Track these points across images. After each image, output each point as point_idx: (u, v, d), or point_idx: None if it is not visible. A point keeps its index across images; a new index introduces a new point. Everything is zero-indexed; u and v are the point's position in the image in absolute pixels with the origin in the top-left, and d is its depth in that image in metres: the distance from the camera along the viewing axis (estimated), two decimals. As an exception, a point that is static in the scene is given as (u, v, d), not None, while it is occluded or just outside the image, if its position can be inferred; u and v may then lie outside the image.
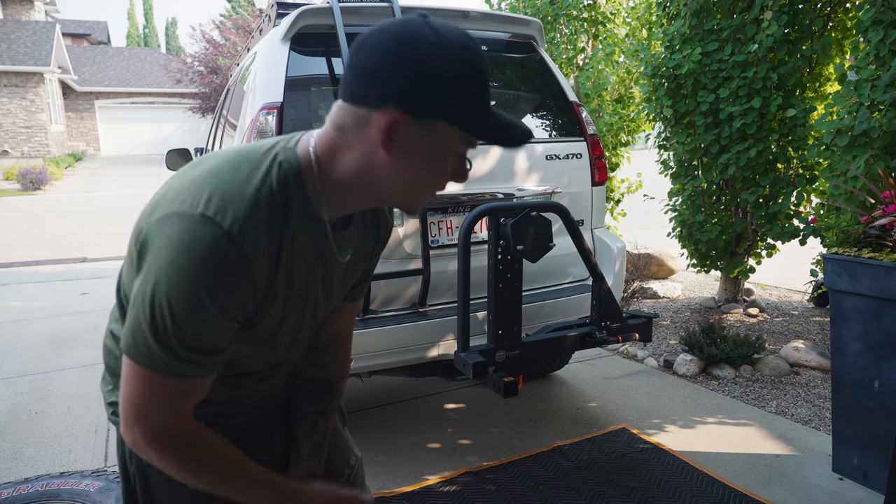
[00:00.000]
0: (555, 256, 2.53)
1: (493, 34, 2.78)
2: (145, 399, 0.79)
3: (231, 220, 0.75)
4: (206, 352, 0.79)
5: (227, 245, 0.74)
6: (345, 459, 1.23)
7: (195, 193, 0.77)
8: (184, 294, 0.73)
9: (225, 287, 0.75)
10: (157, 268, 0.74)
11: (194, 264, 0.73)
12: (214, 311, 0.76)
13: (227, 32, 21.16)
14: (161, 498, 1.00)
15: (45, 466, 2.55)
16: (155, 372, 0.78)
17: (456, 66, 0.76)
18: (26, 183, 14.61)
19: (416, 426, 2.83)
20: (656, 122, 4.62)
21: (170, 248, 0.74)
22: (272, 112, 2.23)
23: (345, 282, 1.02)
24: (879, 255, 2.16)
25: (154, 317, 0.75)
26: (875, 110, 2.93)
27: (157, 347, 0.76)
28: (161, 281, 0.74)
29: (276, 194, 0.81)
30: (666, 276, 5.69)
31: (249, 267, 0.77)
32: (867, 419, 2.23)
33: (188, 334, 0.76)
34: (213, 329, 0.78)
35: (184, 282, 0.73)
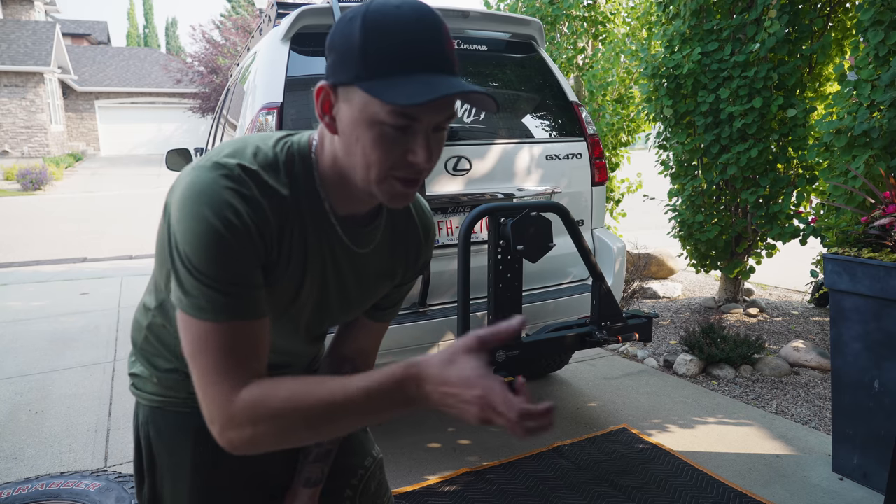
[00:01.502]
0: (555, 256, 2.53)
1: (493, 34, 2.78)
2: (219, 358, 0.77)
3: (238, 160, 0.80)
4: (237, 283, 0.77)
5: (228, 177, 0.78)
6: (359, 459, 1.21)
7: (216, 151, 0.83)
8: (192, 225, 0.76)
9: (227, 207, 0.77)
10: (174, 211, 0.78)
11: (196, 196, 0.76)
12: (221, 229, 0.76)
13: (227, 32, 21.16)
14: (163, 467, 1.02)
15: (45, 466, 2.55)
16: (213, 320, 0.76)
17: (369, 25, 0.73)
18: (26, 183, 14.61)
19: (416, 426, 2.83)
20: (656, 122, 4.62)
21: (182, 191, 0.78)
22: (272, 112, 2.23)
23: (364, 285, 0.98)
24: (879, 255, 2.16)
25: (180, 258, 0.77)
26: (875, 110, 2.93)
27: (201, 289, 0.76)
28: (176, 222, 0.77)
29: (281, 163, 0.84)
30: (666, 276, 5.69)
31: (251, 201, 0.79)
32: (867, 419, 2.23)
33: (210, 265, 0.76)
34: (229, 254, 0.76)
35: (190, 211, 0.76)
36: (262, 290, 0.81)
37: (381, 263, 0.99)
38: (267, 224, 0.80)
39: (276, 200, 0.82)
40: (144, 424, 1.03)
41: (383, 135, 0.76)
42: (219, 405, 0.77)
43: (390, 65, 0.73)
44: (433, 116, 0.76)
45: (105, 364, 3.72)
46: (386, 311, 1.10)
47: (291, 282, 0.88)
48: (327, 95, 0.79)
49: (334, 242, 0.91)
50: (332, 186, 0.87)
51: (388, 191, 0.80)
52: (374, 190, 0.80)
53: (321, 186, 0.87)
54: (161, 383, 1.01)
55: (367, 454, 1.23)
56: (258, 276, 0.81)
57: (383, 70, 0.73)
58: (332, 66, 0.78)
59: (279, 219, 0.82)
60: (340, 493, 1.17)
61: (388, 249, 0.99)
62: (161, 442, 1.02)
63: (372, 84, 0.73)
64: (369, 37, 0.73)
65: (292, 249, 0.86)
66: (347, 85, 0.76)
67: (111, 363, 3.74)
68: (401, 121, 0.74)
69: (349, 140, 0.79)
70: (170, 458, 1.02)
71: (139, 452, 1.05)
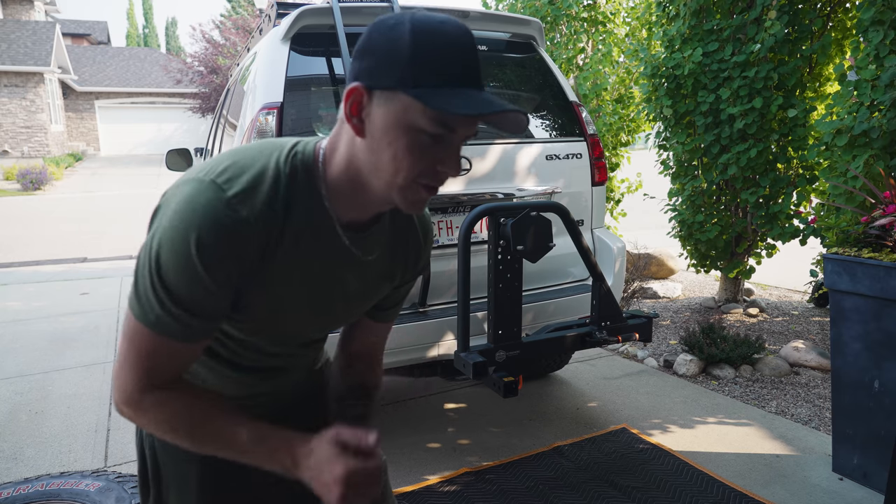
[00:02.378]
0: (555, 256, 2.53)
1: (493, 34, 2.78)
2: (135, 357, 0.82)
3: (236, 188, 0.80)
4: (192, 312, 0.80)
5: (224, 208, 0.78)
6: None
7: (215, 165, 0.83)
8: (175, 241, 0.77)
9: (213, 243, 0.77)
10: (161, 221, 0.80)
11: (189, 216, 0.77)
12: (199, 266, 0.78)
13: (227, 32, 21.16)
14: (168, 477, 1.02)
15: (45, 466, 2.55)
16: (147, 326, 0.80)
17: (419, 36, 0.75)
18: (26, 183, 14.61)
19: (416, 426, 2.83)
20: (656, 122, 4.62)
21: (176, 204, 0.79)
22: (272, 112, 2.23)
23: (365, 289, 1.00)
24: (879, 255, 2.16)
25: (150, 264, 0.79)
26: (875, 110, 2.93)
27: (153, 299, 0.79)
28: (161, 231, 0.79)
29: (283, 178, 0.83)
30: (666, 276, 5.69)
31: (242, 234, 0.79)
32: (867, 419, 2.23)
33: (175, 286, 0.78)
34: (198, 287, 0.79)
35: (177, 229, 0.77)
36: (212, 321, 0.84)
37: (381, 267, 0.99)
38: (247, 253, 0.81)
39: (270, 222, 0.82)
40: (149, 436, 1.03)
41: (419, 142, 0.77)
42: (125, 388, 0.83)
43: (439, 76, 0.75)
44: (468, 129, 0.79)
45: (105, 364, 3.72)
46: (388, 310, 1.10)
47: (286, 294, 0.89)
48: (359, 97, 0.78)
49: (337, 250, 0.91)
50: (340, 194, 0.87)
51: (410, 197, 0.82)
52: (395, 195, 0.82)
53: (326, 196, 0.87)
54: None
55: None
56: (217, 308, 0.83)
57: (432, 80, 0.75)
58: (368, 70, 0.77)
59: (271, 239, 0.83)
60: None
61: (388, 253, 0.99)
62: (166, 452, 1.01)
63: (420, 91, 0.74)
64: (420, 46, 0.74)
65: (287, 265, 0.86)
66: (388, 89, 0.76)
67: (111, 363, 3.74)
68: (439, 130, 0.76)
69: (379, 144, 0.79)
70: (175, 468, 1.01)
71: (143, 463, 1.05)
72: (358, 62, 0.79)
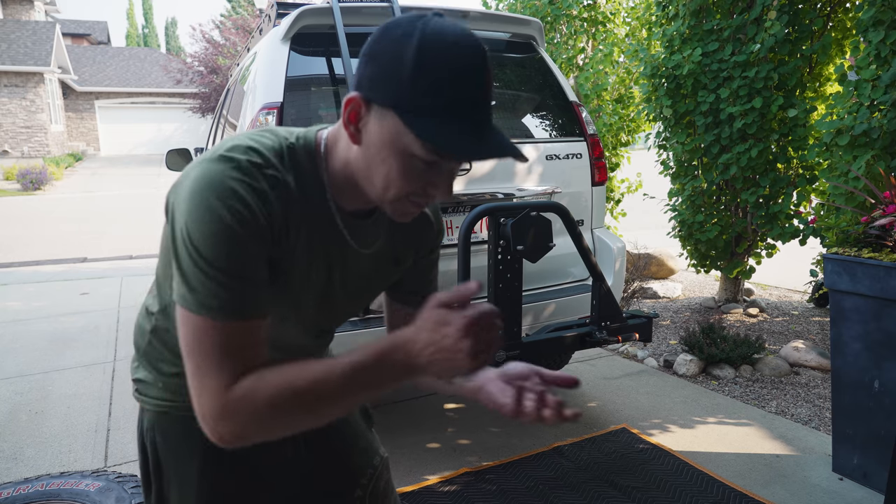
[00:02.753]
0: (555, 256, 2.53)
1: (493, 34, 2.78)
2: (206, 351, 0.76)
3: (244, 156, 0.80)
4: (243, 276, 0.77)
5: (235, 169, 0.78)
6: (368, 459, 1.21)
7: (222, 145, 0.83)
8: (204, 216, 0.75)
9: (236, 198, 0.76)
10: (181, 208, 0.78)
11: (206, 190, 0.76)
12: (234, 224, 0.76)
13: (227, 32, 21.16)
14: (170, 473, 1.02)
15: (45, 466, 2.55)
16: (211, 316, 0.75)
17: (425, 55, 0.71)
18: (26, 183, 14.61)
19: (416, 426, 2.83)
20: (656, 122, 4.62)
21: (191, 186, 0.78)
22: (272, 112, 2.23)
23: (370, 279, 0.99)
24: (879, 255, 2.16)
25: (190, 252, 0.76)
26: (875, 110, 2.93)
27: (206, 282, 0.75)
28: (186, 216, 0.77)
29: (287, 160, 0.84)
30: (666, 276, 5.69)
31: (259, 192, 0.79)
32: (867, 419, 2.23)
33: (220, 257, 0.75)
34: (241, 248, 0.76)
35: (200, 205, 0.76)
36: (265, 287, 0.81)
37: (384, 251, 0.99)
38: (275, 215, 0.80)
39: (283, 192, 0.82)
40: (150, 430, 1.02)
41: (412, 167, 0.77)
42: (213, 397, 0.75)
43: (435, 104, 0.72)
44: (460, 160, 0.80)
45: (105, 364, 3.72)
46: (417, 294, 1.07)
47: (296, 273, 0.88)
48: (357, 107, 0.77)
49: (337, 237, 0.91)
50: (340, 186, 0.87)
51: (399, 209, 0.83)
52: (386, 206, 0.83)
53: (329, 185, 0.87)
54: (166, 388, 1.00)
55: (374, 453, 1.23)
56: (264, 270, 0.80)
57: (428, 107, 0.72)
58: (370, 80, 0.76)
59: (286, 210, 0.82)
60: (351, 494, 1.16)
61: (391, 237, 0.99)
62: (167, 447, 1.01)
63: (415, 119, 0.72)
64: (423, 68, 0.71)
65: (298, 241, 0.86)
66: (385, 107, 0.74)
67: (111, 363, 3.74)
68: (433, 157, 0.75)
69: (373, 159, 0.79)
70: (176, 464, 1.01)
71: (145, 458, 1.05)
72: (363, 67, 0.78)
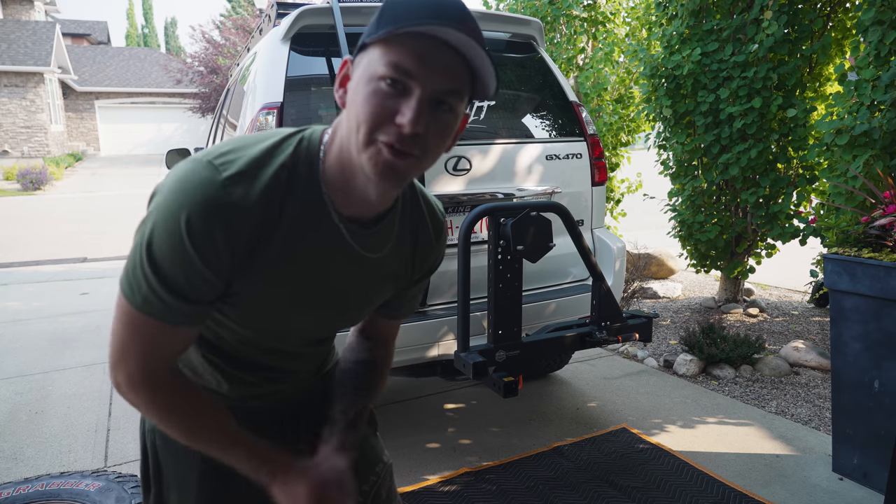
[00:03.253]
0: (555, 256, 2.53)
1: (493, 34, 2.78)
2: (125, 337, 0.82)
3: (232, 170, 0.78)
4: (180, 295, 0.79)
5: (217, 189, 0.76)
6: (370, 466, 1.18)
7: (217, 147, 0.81)
8: (168, 220, 0.76)
9: (203, 224, 0.76)
10: (157, 199, 0.78)
11: (181, 195, 0.76)
12: (189, 247, 0.76)
13: (227, 32, 21.16)
14: (170, 476, 1.02)
15: (45, 466, 2.55)
16: (133, 307, 0.79)
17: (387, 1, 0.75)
18: (26, 183, 14.61)
19: (416, 426, 2.83)
20: (656, 122, 4.62)
21: (171, 182, 0.78)
22: (272, 112, 2.23)
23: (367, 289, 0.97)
24: (879, 255, 2.16)
25: (142, 242, 0.77)
26: (875, 110, 2.93)
27: (141, 278, 0.78)
28: (155, 210, 0.77)
29: (285, 168, 0.82)
30: (666, 276, 5.69)
31: (234, 218, 0.77)
32: (867, 419, 2.23)
33: (164, 266, 0.77)
34: (187, 268, 0.77)
35: (169, 208, 0.76)
36: (199, 306, 0.82)
37: (387, 266, 0.96)
38: (242, 238, 0.79)
39: (266, 208, 0.80)
40: (151, 432, 1.02)
41: (377, 90, 0.74)
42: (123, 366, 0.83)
43: (398, 18, 0.72)
44: (431, 79, 0.73)
45: (105, 364, 3.72)
46: (399, 309, 1.08)
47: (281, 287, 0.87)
48: (347, 69, 0.80)
49: (338, 245, 0.88)
50: (336, 184, 0.84)
51: (374, 158, 0.76)
52: (364, 161, 0.77)
53: (325, 186, 0.84)
54: None
55: (378, 460, 1.20)
56: (205, 293, 0.81)
57: (391, 22, 0.72)
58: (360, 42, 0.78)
59: (266, 228, 0.81)
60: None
61: (398, 249, 0.96)
62: (168, 450, 1.01)
63: (376, 36, 0.73)
64: (385, 7, 0.74)
65: (283, 257, 0.84)
66: (361, 50, 0.77)
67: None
68: (395, 74, 0.73)
69: (349, 106, 0.78)
70: (176, 467, 1.01)
71: (146, 460, 1.05)
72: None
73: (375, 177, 0.77)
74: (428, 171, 2.36)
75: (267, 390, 1.03)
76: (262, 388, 1.02)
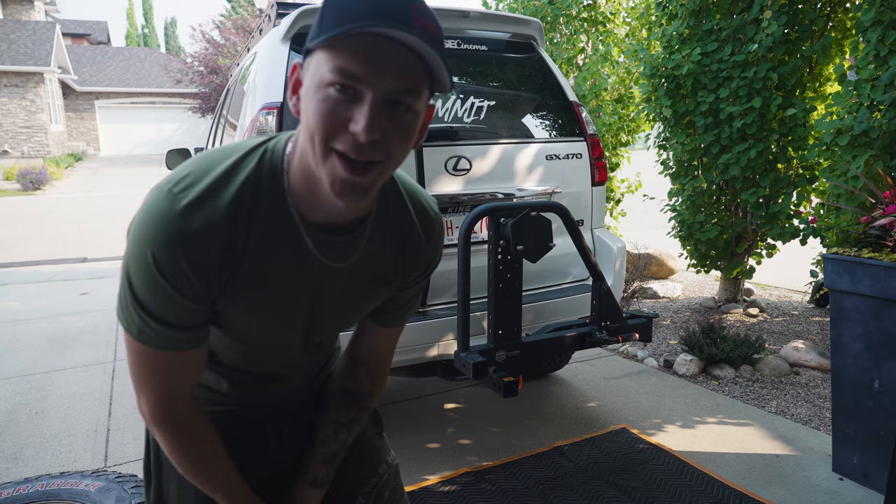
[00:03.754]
0: (555, 256, 2.53)
1: (493, 34, 2.78)
2: (137, 367, 0.84)
3: (190, 197, 0.76)
4: (166, 323, 0.80)
5: (176, 220, 0.75)
6: (373, 468, 1.16)
7: (179, 171, 0.80)
8: (138, 261, 0.77)
9: (168, 257, 0.76)
10: (131, 232, 0.79)
11: (144, 230, 0.76)
12: (161, 280, 0.77)
13: (227, 32, 21.15)
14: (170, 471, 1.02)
15: (45, 466, 2.55)
16: (133, 338, 0.81)
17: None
18: (26, 183, 14.61)
19: (416, 426, 2.83)
20: (656, 122, 4.62)
21: (138, 215, 0.78)
22: (272, 112, 2.23)
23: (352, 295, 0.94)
24: (879, 255, 2.16)
25: (124, 278, 0.79)
26: (875, 110, 2.93)
27: (132, 312, 0.80)
28: (129, 245, 0.79)
29: (248, 184, 0.79)
30: (666, 276, 5.69)
31: (197, 247, 0.76)
32: (867, 419, 2.23)
33: (145, 301, 0.78)
34: (166, 300, 0.78)
35: (137, 245, 0.77)
36: (193, 331, 0.83)
37: (371, 270, 0.93)
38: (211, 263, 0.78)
39: (230, 229, 0.78)
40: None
41: (327, 98, 0.70)
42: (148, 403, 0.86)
43: (338, 20, 0.68)
44: (381, 80, 0.69)
45: (105, 364, 3.72)
46: (392, 314, 1.04)
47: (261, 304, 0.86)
48: (297, 74, 0.77)
49: (306, 256, 0.85)
50: (303, 194, 0.81)
51: (331, 175, 0.73)
52: (322, 173, 0.74)
53: (290, 197, 0.82)
54: None
55: (381, 461, 1.18)
56: (194, 318, 0.82)
57: (332, 24, 0.68)
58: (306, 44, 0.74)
59: (236, 248, 0.80)
60: (352, 501, 1.12)
61: (379, 254, 0.93)
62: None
63: (318, 40, 0.69)
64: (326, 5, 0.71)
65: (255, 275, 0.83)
66: (307, 54, 0.73)
67: (111, 363, 3.74)
68: (343, 79, 0.69)
69: (303, 115, 0.74)
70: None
71: (148, 453, 1.06)
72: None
73: (334, 195, 0.75)
74: (428, 171, 2.37)
75: (267, 389, 1.03)
76: (262, 388, 1.02)
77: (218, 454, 0.92)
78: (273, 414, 1.06)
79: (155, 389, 0.84)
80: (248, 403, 1.03)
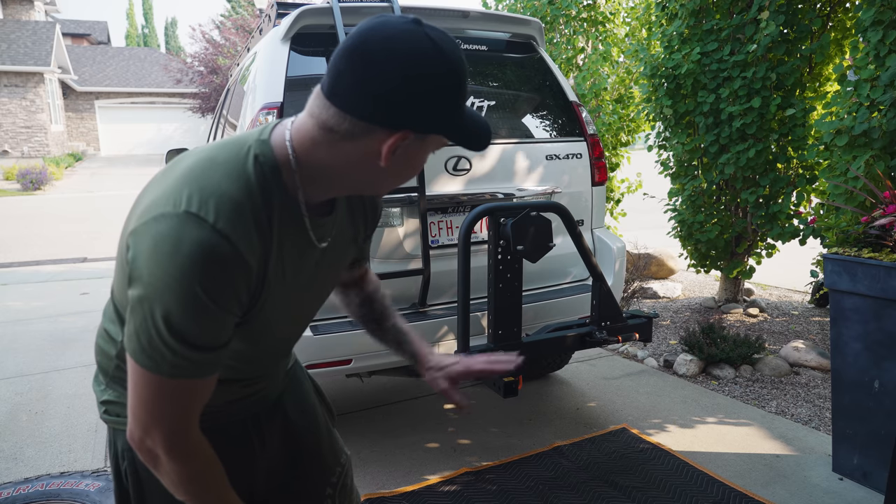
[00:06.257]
0: (555, 256, 2.53)
1: (493, 34, 2.78)
2: (155, 403, 0.79)
3: (215, 214, 0.75)
4: (208, 348, 0.78)
5: (217, 239, 0.74)
6: (336, 458, 1.24)
7: (176, 194, 0.77)
8: (180, 293, 0.73)
9: (219, 281, 0.75)
10: (150, 272, 0.73)
11: (186, 262, 0.72)
12: (212, 307, 0.75)
13: (227, 32, 21.15)
14: (153, 498, 0.99)
15: (45, 466, 2.55)
16: (162, 375, 0.77)
17: (451, 79, 0.78)
18: (26, 183, 14.60)
19: (416, 426, 2.83)
20: (656, 122, 4.62)
21: (159, 251, 0.73)
22: (272, 112, 2.23)
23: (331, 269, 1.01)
24: (879, 255, 2.16)
25: (155, 320, 0.74)
26: (875, 110, 2.93)
27: (164, 351, 0.75)
28: (156, 284, 0.73)
29: (254, 189, 0.80)
30: (666, 276, 5.69)
31: (241, 260, 0.77)
32: (867, 419, 2.23)
33: (189, 333, 0.75)
34: (212, 325, 0.77)
35: (179, 281, 0.72)
36: (226, 348, 0.82)
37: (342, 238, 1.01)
38: (250, 275, 0.80)
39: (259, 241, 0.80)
40: (126, 451, 0.99)
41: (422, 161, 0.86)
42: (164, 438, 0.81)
43: (461, 110, 0.82)
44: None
45: (105, 364, 3.72)
46: (361, 257, 1.18)
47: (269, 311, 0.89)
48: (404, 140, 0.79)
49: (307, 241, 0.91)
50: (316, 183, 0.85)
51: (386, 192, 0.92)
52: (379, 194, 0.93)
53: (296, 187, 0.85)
54: None
55: (341, 452, 1.26)
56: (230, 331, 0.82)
57: (459, 115, 0.82)
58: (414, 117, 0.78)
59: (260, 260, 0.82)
60: (321, 493, 1.18)
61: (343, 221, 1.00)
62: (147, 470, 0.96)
63: (451, 128, 0.82)
64: (458, 85, 0.79)
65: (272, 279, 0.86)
66: (433, 133, 0.81)
67: (111, 363, 3.74)
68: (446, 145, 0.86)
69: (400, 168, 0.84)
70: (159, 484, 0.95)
71: (120, 482, 1.01)
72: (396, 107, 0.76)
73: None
74: (428, 171, 2.37)
75: (246, 392, 1.03)
76: (246, 391, 1.03)
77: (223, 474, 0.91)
78: (253, 416, 1.07)
79: (175, 421, 0.81)
80: (231, 409, 1.03)
